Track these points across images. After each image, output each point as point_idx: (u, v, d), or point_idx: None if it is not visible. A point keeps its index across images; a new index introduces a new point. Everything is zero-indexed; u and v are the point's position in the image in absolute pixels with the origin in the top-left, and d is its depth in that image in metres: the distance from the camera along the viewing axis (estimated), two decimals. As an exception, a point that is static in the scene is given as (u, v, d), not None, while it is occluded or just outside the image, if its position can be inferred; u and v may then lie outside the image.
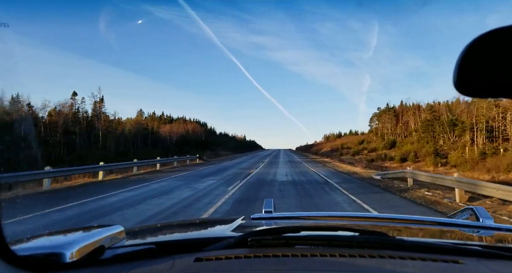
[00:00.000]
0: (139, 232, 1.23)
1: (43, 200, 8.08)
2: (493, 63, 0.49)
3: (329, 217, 1.49)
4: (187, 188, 10.19)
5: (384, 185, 11.17)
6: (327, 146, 73.82)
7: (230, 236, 0.97)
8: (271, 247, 0.85)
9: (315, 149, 75.67)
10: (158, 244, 0.88)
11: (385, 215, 1.51)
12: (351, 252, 0.80)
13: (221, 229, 1.30)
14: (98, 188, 10.30)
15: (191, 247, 0.87)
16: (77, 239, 0.76)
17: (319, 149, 71.37)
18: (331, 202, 7.78)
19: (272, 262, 0.75)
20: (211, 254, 0.81)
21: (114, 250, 0.82)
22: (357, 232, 0.96)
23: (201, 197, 8.39)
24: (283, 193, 9.16)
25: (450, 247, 0.84)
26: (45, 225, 5.41)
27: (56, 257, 0.69)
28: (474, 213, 1.36)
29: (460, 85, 0.51)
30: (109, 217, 6.04)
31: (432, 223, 1.38)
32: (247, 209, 6.64)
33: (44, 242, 0.83)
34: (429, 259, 0.77)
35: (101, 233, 0.83)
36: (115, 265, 0.76)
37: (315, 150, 72.57)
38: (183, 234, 1.24)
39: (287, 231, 0.93)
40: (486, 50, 0.49)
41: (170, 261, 0.77)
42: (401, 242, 0.89)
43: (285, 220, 1.50)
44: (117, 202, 7.62)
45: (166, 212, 6.49)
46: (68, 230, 0.93)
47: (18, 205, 7.39)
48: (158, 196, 8.46)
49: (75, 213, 6.43)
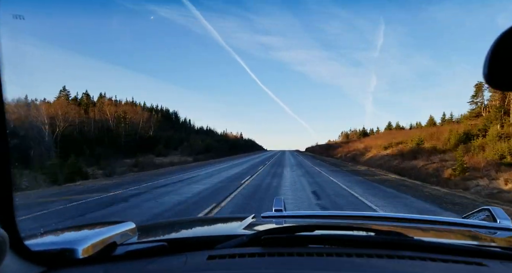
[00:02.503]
0: (151, 229, 1.27)
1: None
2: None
3: (341, 217, 1.45)
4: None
5: None
6: (352, 147, 48.47)
7: (242, 234, 0.96)
8: (284, 245, 0.83)
9: (335, 151, 50.36)
10: (169, 241, 0.87)
11: (398, 215, 1.41)
12: (368, 252, 0.77)
13: (232, 227, 1.29)
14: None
15: (203, 244, 0.86)
16: (90, 235, 0.77)
17: (341, 152, 45.93)
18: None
19: (287, 261, 0.74)
20: (224, 252, 0.80)
21: (126, 247, 0.82)
22: (372, 232, 0.95)
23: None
24: None
25: (472, 249, 0.82)
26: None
27: (69, 253, 0.70)
28: (490, 214, 1.31)
29: (491, 77, 0.49)
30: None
31: (448, 223, 1.32)
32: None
33: (57, 237, 0.84)
34: (451, 261, 0.74)
35: (114, 229, 0.84)
36: (128, 262, 0.76)
37: (334, 153, 47.30)
38: (194, 231, 1.25)
39: (301, 230, 0.91)
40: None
41: (183, 258, 0.77)
42: (420, 242, 0.86)
43: (296, 219, 1.48)
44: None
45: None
46: (81, 226, 0.93)
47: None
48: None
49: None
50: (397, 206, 7.78)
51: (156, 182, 13.03)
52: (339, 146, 55.27)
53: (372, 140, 50.87)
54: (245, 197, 8.94)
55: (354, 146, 48.85)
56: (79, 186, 12.69)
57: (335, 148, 54.56)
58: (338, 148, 53.19)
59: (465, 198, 9.44)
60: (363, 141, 53.29)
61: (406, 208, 7.55)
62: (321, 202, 8.22)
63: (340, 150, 47.93)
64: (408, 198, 9.05)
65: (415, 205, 7.94)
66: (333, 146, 62.74)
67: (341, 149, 51.59)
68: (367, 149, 39.64)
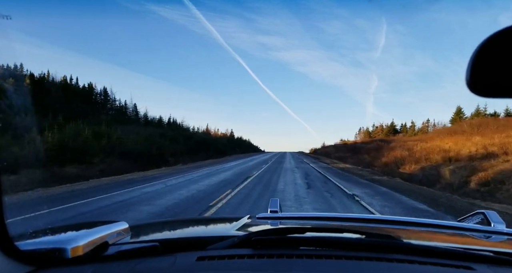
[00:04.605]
0: (144, 229, 1.24)
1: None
2: (508, 62, 0.46)
3: (334, 219, 1.41)
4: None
5: None
6: (401, 147, 26.94)
7: (234, 235, 0.95)
8: (275, 247, 0.83)
9: (370, 155, 28.34)
10: (161, 242, 0.86)
11: (391, 218, 1.41)
12: (358, 254, 0.78)
13: (225, 227, 1.27)
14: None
15: (194, 245, 0.86)
16: (81, 235, 0.75)
17: (389, 157, 24.00)
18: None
19: (276, 263, 0.73)
20: (213, 253, 0.80)
21: (118, 247, 0.81)
22: (363, 235, 0.93)
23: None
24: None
25: (460, 252, 0.81)
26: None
27: (59, 253, 0.69)
28: (485, 217, 1.29)
29: (473, 85, 0.50)
30: None
31: (441, 226, 1.28)
32: None
33: (47, 237, 0.81)
34: (439, 264, 0.74)
35: (106, 229, 0.83)
36: (118, 262, 0.76)
37: (376, 160, 25.38)
38: (187, 232, 1.23)
39: (292, 232, 0.91)
40: (500, 49, 0.46)
41: (172, 259, 0.76)
42: (409, 245, 0.87)
43: (291, 220, 1.45)
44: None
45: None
46: (73, 226, 0.92)
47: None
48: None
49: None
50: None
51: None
52: (378, 147, 32.88)
53: (438, 136, 28.79)
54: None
55: (408, 147, 26.81)
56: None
57: (368, 151, 32.53)
58: (374, 150, 31.09)
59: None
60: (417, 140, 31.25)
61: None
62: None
63: (386, 155, 25.81)
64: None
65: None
66: (358, 146, 40.56)
67: (378, 152, 29.60)
68: (448, 155, 17.88)
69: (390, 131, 59.36)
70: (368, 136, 64.53)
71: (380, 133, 60.80)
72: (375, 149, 31.67)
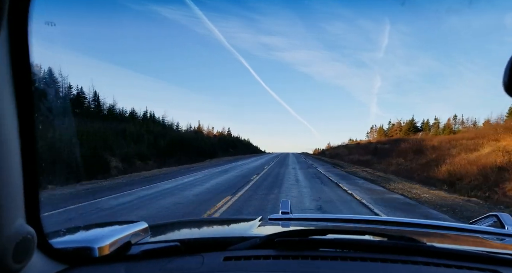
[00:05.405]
0: (162, 229, 1.25)
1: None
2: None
3: (349, 220, 1.39)
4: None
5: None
6: (452, 148, 18.62)
7: (253, 236, 0.95)
8: (296, 249, 0.83)
9: (408, 159, 19.90)
10: (182, 242, 0.87)
11: (407, 220, 1.36)
12: (383, 257, 0.77)
13: (242, 228, 1.28)
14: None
15: (215, 245, 0.87)
16: (106, 235, 0.77)
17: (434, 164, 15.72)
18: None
19: (302, 264, 0.74)
20: (239, 253, 0.81)
21: (140, 246, 0.82)
22: (384, 237, 0.93)
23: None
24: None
25: (485, 256, 0.80)
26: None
27: (87, 251, 0.71)
28: (498, 220, 1.27)
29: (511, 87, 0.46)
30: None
31: (456, 229, 1.28)
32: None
33: (76, 235, 0.84)
34: (465, 267, 0.73)
35: (127, 229, 0.84)
36: (145, 261, 0.77)
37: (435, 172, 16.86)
38: (206, 232, 1.25)
39: (314, 233, 0.92)
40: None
41: (199, 258, 0.78)
42: (433, 248, 0.85)
43: (303, 221, 1.45)
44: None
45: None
46: (98, 225, 0.93)
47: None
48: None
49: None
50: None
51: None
52: (417, 148, 24.05)
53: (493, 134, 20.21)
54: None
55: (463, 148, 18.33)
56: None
57: (400, 153, 24.05)
58: (412, 152, 22.58)
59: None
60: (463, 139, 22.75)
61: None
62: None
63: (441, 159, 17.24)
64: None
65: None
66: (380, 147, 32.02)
67: (418, 155, 21.07)
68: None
69: (410, 128, 50.67)
70: (383, 134, 55.91)
71: (398, 132, 52.15)
72: (412, 150, 23.07)
